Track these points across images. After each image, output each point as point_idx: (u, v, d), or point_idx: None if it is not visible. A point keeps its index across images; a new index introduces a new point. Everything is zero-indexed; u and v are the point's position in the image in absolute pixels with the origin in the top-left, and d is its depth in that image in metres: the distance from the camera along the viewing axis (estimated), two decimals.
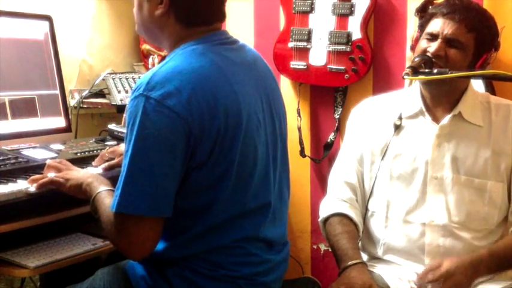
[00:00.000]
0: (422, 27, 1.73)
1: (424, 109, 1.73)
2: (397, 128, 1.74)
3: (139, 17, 1.47)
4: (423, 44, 1.68)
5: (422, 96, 1.75)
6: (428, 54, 1.64)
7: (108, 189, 1.45)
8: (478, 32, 1.64)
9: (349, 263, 1.61)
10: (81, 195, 1.53)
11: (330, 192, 1.84)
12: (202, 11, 1.41)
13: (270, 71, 1.57)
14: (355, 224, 1.75)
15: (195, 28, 1.42)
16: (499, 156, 1.67)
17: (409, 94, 1.79)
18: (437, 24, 1.66)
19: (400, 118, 1.75)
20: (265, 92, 1.49)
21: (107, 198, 1.42)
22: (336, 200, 1.80)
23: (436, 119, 1.72)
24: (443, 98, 1.71)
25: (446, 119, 1.70)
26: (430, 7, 1.75)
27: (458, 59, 1.63)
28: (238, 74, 1.41)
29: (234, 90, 1.37)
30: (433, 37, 1.66)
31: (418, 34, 1.74)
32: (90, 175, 1.56)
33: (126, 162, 1.30)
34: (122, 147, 1.79)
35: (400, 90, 1.89)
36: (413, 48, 1.77)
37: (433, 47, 1.64)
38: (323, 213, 1.80)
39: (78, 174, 1.59)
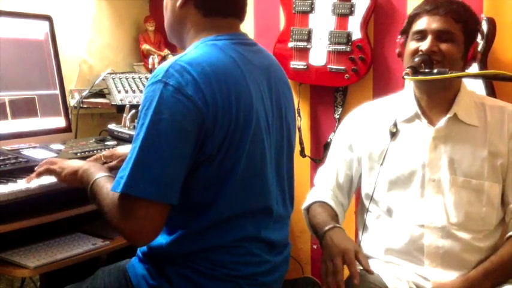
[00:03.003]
0: (405, 32, 1.72)
1: (419, 112, 1.72)
2: (393, 135, 1.74)
3: (166, 18, 1.51)
4: (412, 44, 1.67)
5: (417, 100, 1.74)
6: (420, 53, 1.63)
7: (107, 175, 1.44)
8: (464, 22, 1.65)
9: (325, 228, 1.61)
10: (77, 183, 1.51)
11: (315, 187, 1.87)
12: None
13: (285, 78, 1.58)
14: (335, 213, 1.77)
15: (212, 18, 1.44)
16: (495, 157, 1.67)
17: (404, 98, 1.78)
18: (423, 22, 1.66)
19: (395, 124, 1.74)
20: (278, 97, 1.49)
21: (107, 183, 1.39)
22: (319, 191, 1.83)
23: (431, 122, 1.71)
24: (438, 97, 1.70)
25: (442, 122, 1.69)
26: (412, 10, 1.74)
27: (453, 52, 1.63)
28: (254, 75, 1.42)
29: (249, 88, 1.38)
30: (421, 35, 1.66)
31: (402, 40, 1.73)
32: (86, 162, 1.55)
33: (137, 145, 1.28)
34: (119, 149, 1.78)
35: (394, 94, 1.87)
36: (400, 54, 1.76)
37: (424, 44, 1.64)
38: (306, 203, 1.83)
39: (73, 163, 1.57)
